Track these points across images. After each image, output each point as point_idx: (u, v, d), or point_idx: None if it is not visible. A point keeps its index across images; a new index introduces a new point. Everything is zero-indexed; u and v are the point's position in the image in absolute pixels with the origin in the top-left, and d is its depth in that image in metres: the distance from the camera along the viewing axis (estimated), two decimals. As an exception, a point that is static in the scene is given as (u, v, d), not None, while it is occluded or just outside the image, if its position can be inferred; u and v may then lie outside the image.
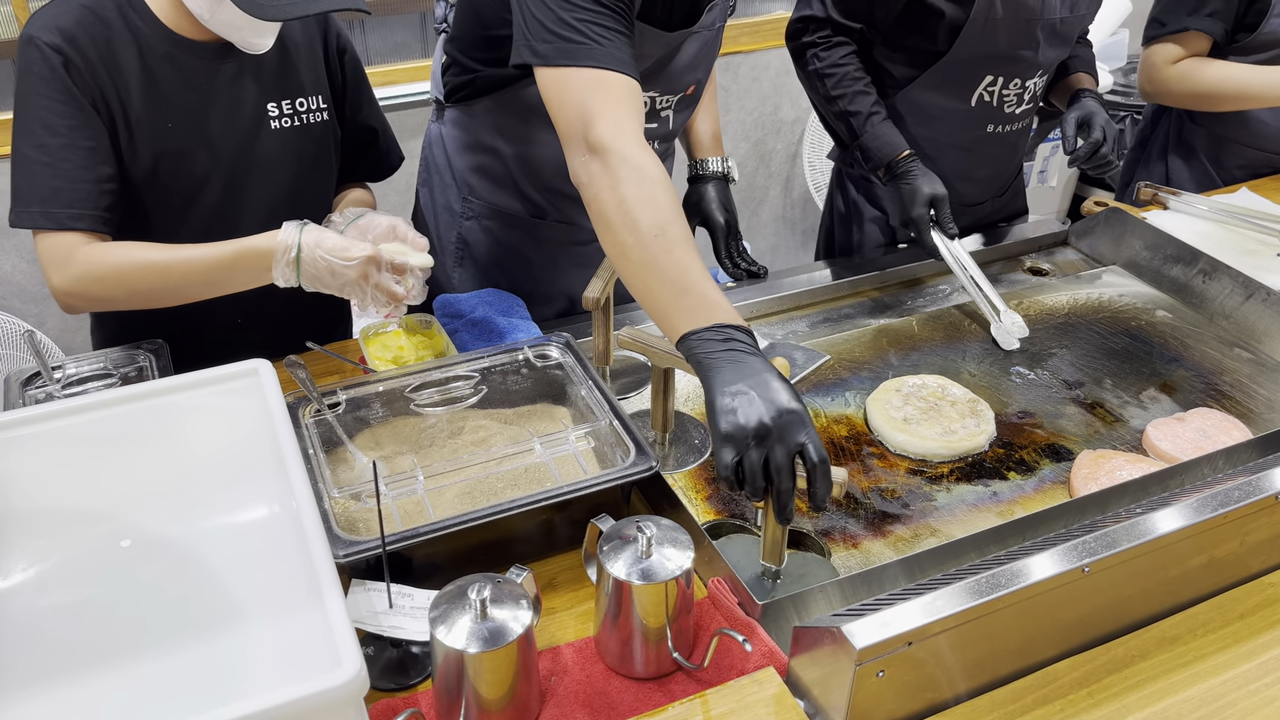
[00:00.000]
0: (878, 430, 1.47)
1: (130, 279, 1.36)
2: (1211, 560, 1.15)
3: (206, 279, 1.37)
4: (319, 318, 1.72)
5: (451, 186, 1.73)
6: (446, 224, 1.76)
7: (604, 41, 1.26)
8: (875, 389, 1.54)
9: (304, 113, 1.51)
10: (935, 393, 1.51)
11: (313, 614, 0.93)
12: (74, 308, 1.41)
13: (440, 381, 1.36)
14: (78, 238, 1.36)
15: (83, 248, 1.35)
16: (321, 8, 1.32)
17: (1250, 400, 1.57)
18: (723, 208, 1.75)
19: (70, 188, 1.35)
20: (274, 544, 1.10)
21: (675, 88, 1.59)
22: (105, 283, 1.36)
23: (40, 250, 1.38)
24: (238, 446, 1.16)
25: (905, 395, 1.50)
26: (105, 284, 1.37)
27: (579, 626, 1.14)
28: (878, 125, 1.78)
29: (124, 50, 1.36)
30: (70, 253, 1.36)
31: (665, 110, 1.61)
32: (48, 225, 1.35)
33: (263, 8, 1.29)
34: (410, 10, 3.22)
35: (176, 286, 1.38)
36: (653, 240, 1.16)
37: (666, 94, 1.59)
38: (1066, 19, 1.77)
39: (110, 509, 1.13)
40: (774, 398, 1.05)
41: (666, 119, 1.63)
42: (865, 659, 0.94)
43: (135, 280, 1.37)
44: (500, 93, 1.58)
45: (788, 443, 1.03)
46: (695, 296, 1.14)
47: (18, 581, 1.09)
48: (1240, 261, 1.79)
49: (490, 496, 1.23)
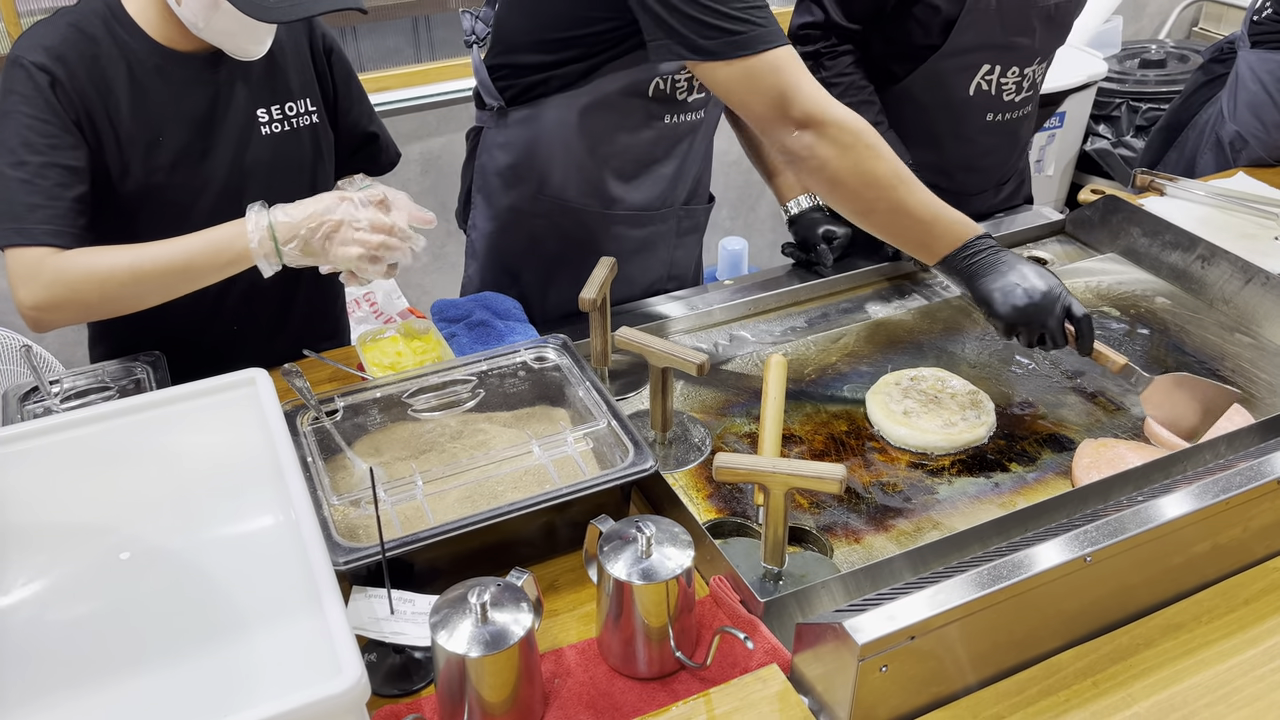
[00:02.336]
0: (878, 424, 1.46)
1: (103, 281, 1.32)
2: (1215, 546, 1.15)
3: (178, 270, 1.33)
4: (316, 326, 1.72)
5: (520, 187, 1.71)
6: (513, 225, 1.74)
7: (762, 21, 1.35)
8: (875, 383, 1.53)
9: (294, 116, 1.51)
10: (934, 385, 1.51)
11: (313, 622, 0.93)
12: (43, 322, 1.34)
13: (438, 386, 1.36)
14: (47, 251, 1.31)
15: (50, 259, 1.31)
16: (324, 8, 1.30)
17: (1252, 385, 1.56)
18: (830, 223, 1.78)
19: (47, 204, 1.32)
20: (274, 553, 1.10)
21: None
22: (76, 288, 1.31)
23: (10, 266, 1.33)
24: (236, 456, 1.16)
25: (905, 389, 1.50)
26: (76, 289, 1.31)
27: (581, 628, 1.14)
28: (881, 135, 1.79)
29: (112, 66, 1.36)
30: (39, 265, 1.31)
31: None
32: (20, 241, 1.31)
33: (266, 10, 1.27)
34: (402, 16, 3.22)
35: (151, 283, 1.33)
36: (893, 189, 1.38)
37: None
38: (1061, 4, 1.77)
39: (110, 522, 1.13)
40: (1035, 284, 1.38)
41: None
42: (868, 654, 0.93)
43: (107, 281, 1.32)
44: (575, 89, 1.57)
45: (1056, 312, 1.39)
46: (944, 224, 1.41)
47: (19, 598, 1.09)
48: (1239, 246, 1.78)
49: (490, 500, 1.23)
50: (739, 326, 1.72)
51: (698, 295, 1.77)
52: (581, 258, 1.73)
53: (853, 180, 1.38)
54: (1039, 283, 1.39)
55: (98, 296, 1.33)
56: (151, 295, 1.36)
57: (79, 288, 1.32)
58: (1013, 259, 1.41)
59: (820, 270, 1.79)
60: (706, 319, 1.72)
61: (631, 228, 1.72)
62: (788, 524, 1.16)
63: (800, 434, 1.46)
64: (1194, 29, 4.34)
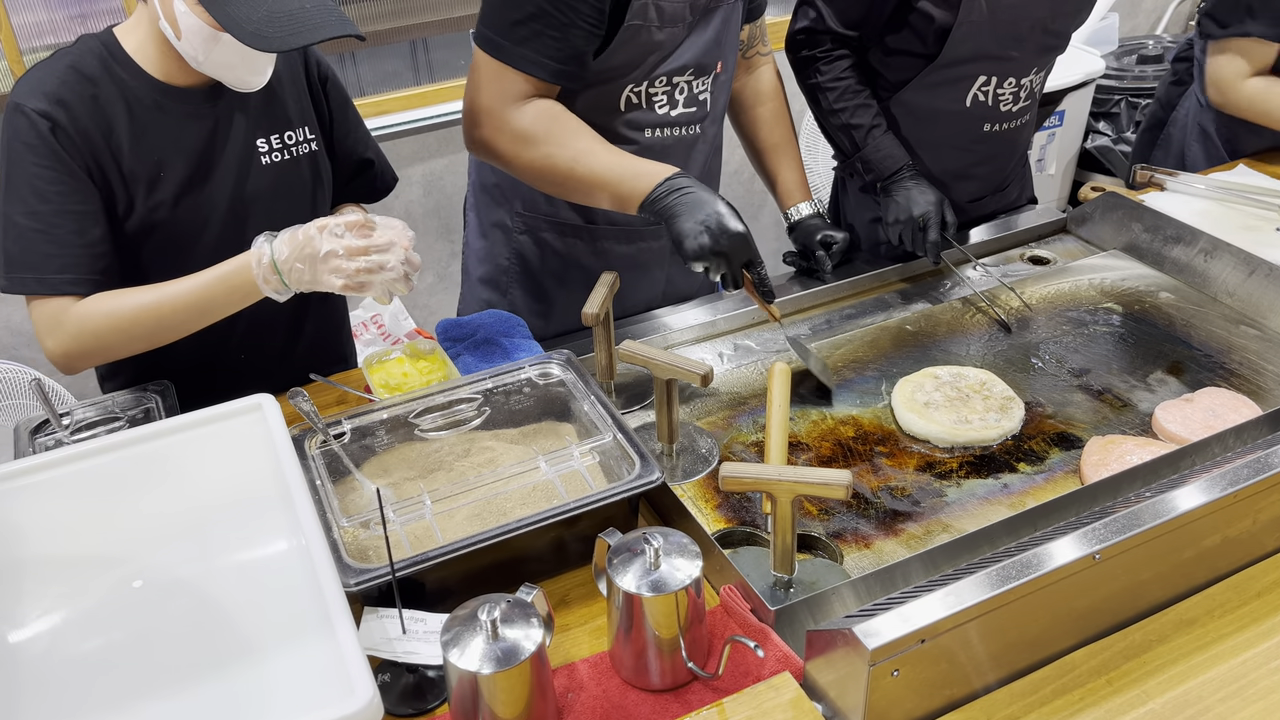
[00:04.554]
0: (896, 407, 1.49)
1: (125, 325, 1.37)
2: (1225, 540, 1.15)
3: (198, 307, 1.37)
4: (323, 351, 1.73)
5: (503, 203, 1.74)
6: (499, 243, 1.77)
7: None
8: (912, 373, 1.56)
9: (293, 145, 1.52)
10: (973, 385, 1.51)
11: (326, 644, 0.94)
12: (74, 368, 1.41)
13: (444, 405, 1.36)
14: (69, 301, 1.36)
15: (72, 308, 1.36)
16: (323, 35, 1.31)
17: (1259, 377, 1.56)
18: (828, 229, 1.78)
19: (63, 253, 1.35)
20: (285, 577, 1.11)
21: (706, 65, 1.61)
22: (101, 335, 1.37)
23: (34, 316, 1.38)
24: (245, 482, 1.17)
25: (941, 382, 1.51)
26: (101, 337, 1.37)
27: (594, 642, 1.14)
28: (879, 138, 1.81)
29: (112, 105, 1.37)
30: (61, 315, 1.36)
31: (703, 93, 1.63)
32: (42, 290, 1.36)
33: (266, 39, 1.27)
34: (400, 40, 3.25)
35: (171, 322, 1.38)
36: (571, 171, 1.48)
37: (701, 75, 1.61)
38: (1058, 16, 1.77)
39: (122, 551, 1.14)
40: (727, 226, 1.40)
41: (705, 100, 1.64)
42: (879, 659, 0.93)
43: (130, 325, 1.37)
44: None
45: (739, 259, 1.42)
46: (630, 177, 1.46)
47: (36, 630, 1.09)
48: (1240, 238, 1.78)
49: (499, 517, 1.23)
50: (743, 336, 1.73)
51: (701, 305, 1.77)
52: (568, 274, 1.75)
53: (533, 173, 1.52)
54: (724, 230, 1.39)
55: (122, 340, 1.39)
56: (172, 333, 1.40)
57: (103, 335, 1.37)
58: (704, 198, 1.40)
59: (822, 277, 1.80)
60: (710, 329, 1.73)
61: (619, 243, 1.73)
62: (796, 531, 1.17)
63: (807, 441, 1.46)
64: (1190, 23, 4.34)
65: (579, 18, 1.44)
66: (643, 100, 1.57)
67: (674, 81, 1.57)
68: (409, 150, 3.15)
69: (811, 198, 1.82)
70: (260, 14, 1.27)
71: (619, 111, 1.57)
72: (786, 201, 1.83)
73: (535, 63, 1.46)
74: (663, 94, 1.58)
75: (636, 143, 1.60)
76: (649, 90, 1.57)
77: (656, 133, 1.61)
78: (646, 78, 1.55)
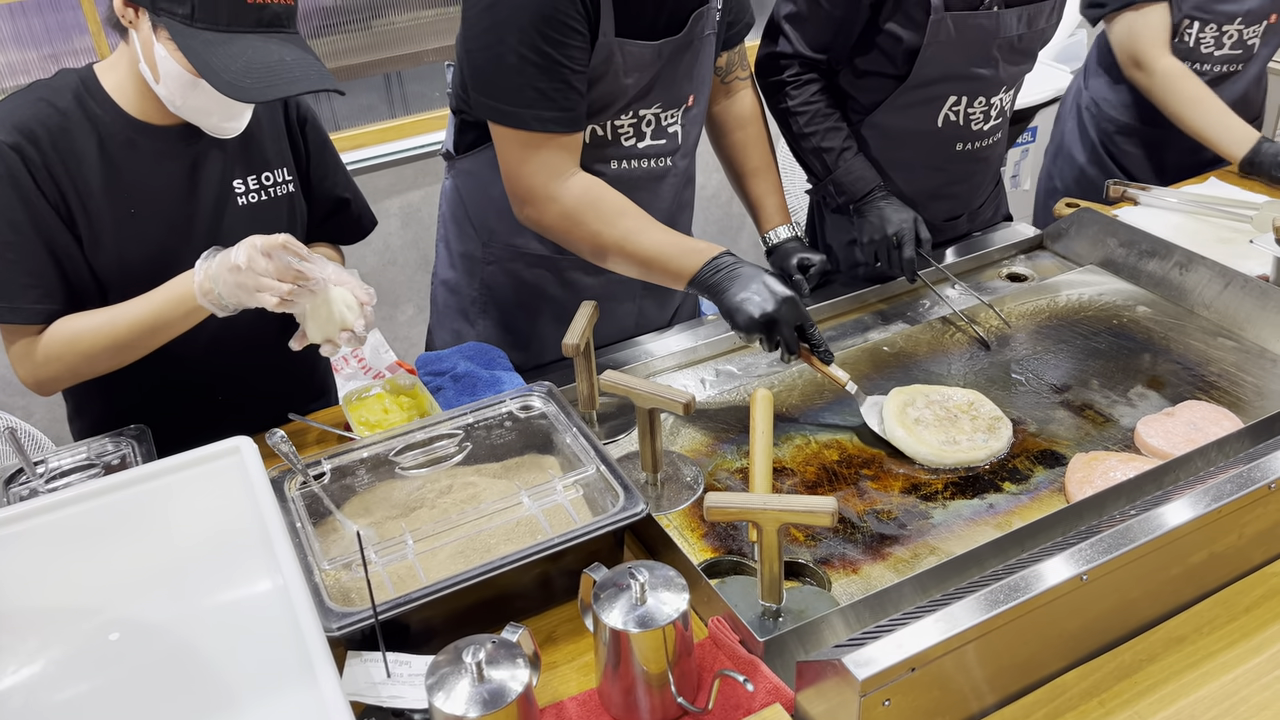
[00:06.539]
0: (885, 421, 1.48)
1: (82, 345, 1.38)
2: (1212, 555, 1.15)
3: (149, 325, 1.38)
4: (301, 390, 1.71)
5: (471, 235, 1.74)
6: (468, 273, 1.77)
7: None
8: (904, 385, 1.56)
9: (270, 186, 1.51)
10: (961, 405, 1.51)
11: (308, 693, 0.92)
12: (44, 391, 1.45)
13: (424, 442, 1.35)
14: (38, 329, 1.39)
15: (39, 337, 1.39)
16: (299, 89, 1.30)
17: (1238, 389, 1.56)
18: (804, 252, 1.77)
19: (37, 284, 1.37)
20: (265, 623, 1.09)
21: (676, 99, 1.60)
22: (63, 358, 1.39)
23: (7, 344, 1.41)
24: (223, 527, 1.15)
25: (931, 401, 1.51)
26: (64, 359, 1.39)
27: (582, 679, 1.12)
28: (850, 160, 1.82)
29: (82, 140, 1.37)
30: (32, 344, 1.39)
31: (672, 125, 1.63)
32: (15, 320, 1.38)
33: (244, 90, 1.27)
34: (374, 73, 3.25)
35: (126, 339, 1.38)
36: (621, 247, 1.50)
37: (670, 108, 1.60)
38: (1025, 35, 1.78)
39: (99, 601, 1.12)
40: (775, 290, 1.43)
41: (675, 134, 1.64)
42: (869, 689, 0.93)
43: (87, 345, 1.38)
44: None
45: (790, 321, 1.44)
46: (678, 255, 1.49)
47: (11, 683, 1.07)
48: (1215, 251, 1.79)
49: (482, 554, 1.22)
50: (725, 361, 1.72)
51: (683, 331, 1.77)
52: (536, 305, 1.74)
53: (584, 248, 1.53)
54: (772, 294, 1.42)
55: (83, 361, 1.41)
56: (131, 351, 1.41)
57: (65, 359, 1.40)
58: (751, 272, 1.45)
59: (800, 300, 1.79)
60: (691, 355, 1.72)
61: (586, 274, 1.72)
62: (783, 559, 1.16)
63: (792, 466, 1.46)
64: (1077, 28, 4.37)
65: (574, 64, 1.44)
66: (608, 133, 1.57)
67: (641, 114, 1.57)
68: (385, 183, 3.14)
69: (790, 221, 1.82)
70: (239, 64, 1.27)
71: (584, 145, 1.56)
72: (765, 225, 1.83)
73: (554, 120, 1.46)
74: (629, 126, 1.58)
75: (603, 174, 1.58)
76: (614, 124, 1.57)
77: (624, 164, 1.61)
78: (612, 116, 1.55)
